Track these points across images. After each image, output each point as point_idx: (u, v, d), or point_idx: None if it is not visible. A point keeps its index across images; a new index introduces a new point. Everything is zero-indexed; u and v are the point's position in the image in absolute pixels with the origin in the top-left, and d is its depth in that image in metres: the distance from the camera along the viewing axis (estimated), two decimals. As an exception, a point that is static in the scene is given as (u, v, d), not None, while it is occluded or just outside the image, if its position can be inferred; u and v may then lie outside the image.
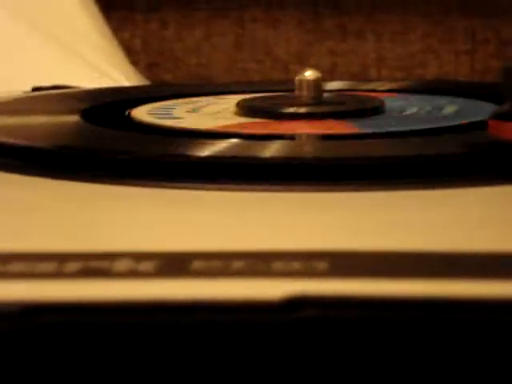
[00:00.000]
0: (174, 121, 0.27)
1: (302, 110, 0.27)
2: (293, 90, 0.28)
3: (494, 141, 0.22)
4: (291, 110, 0.27)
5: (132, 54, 0.56)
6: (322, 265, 0.16)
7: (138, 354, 0.15)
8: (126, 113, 0.28)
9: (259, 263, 0.16)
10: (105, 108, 0.30)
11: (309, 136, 0.25)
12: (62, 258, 0.16)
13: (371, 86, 0.34)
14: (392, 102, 0.29)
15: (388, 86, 0.34)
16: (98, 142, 0.24)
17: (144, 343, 0.15)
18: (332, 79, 0.59)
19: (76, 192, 0.21)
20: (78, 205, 0.20)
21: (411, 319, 0.15)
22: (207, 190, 0.21)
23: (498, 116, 0.23)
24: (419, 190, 0.21)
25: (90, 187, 0.21)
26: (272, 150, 0.23)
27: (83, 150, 0.23)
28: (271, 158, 0.22)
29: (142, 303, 0.15)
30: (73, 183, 0.21)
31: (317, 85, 0.28)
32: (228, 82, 0.53)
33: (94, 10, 0.52)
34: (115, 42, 0.51)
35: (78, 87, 0.39)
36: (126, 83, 0.47)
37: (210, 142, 0.23)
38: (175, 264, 0.16)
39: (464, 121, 0.26)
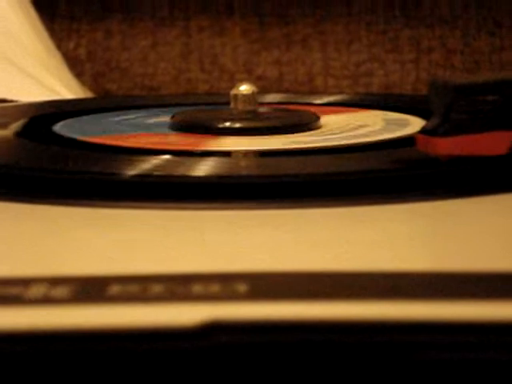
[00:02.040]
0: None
1: (238, 125, 0.27)
2: (224, 104, 0.28)
3: (422, 157, 0.22)
4: (221, 125, 0.26)
5: (77, 64, 0.56)
6: (241, 287, 0.16)
7: (51, 383, 0.15)
8: (52, 127, 0.28)
9: (178, 286, 0.16)
10: (40, 122, 0.30)
11: (235, 153, 0.25)
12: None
13: (310, 99, 0.34)
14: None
15: (325, 99, 0.34)
16: (17, 157, 0.24)
17: (59, 372, 0.15)
18: (279, 88, 0.58)
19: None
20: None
21: (332, 342, 0.15)
22: (123, 208, 0.20)
23: (425, 131, 0.23)
24: (344, 207, 0.21)
25: (3, 206, 0.21)
26: (198, 168, 0.22)
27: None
28: (191, 177, 0.21)
29: (55, 331, 0.15)
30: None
31: (252, 99, 0.28)
32: (171, 94, 0.53)
33: (36, 21, 0.51)
34: (58, 54, 0.51)
35: (18, 101, 0.38)
36: (68, 96, 0.46)
37: (136, 159, 0.23)
38: (91, 289, 0.16)
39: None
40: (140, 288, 0.16)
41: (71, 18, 0.57)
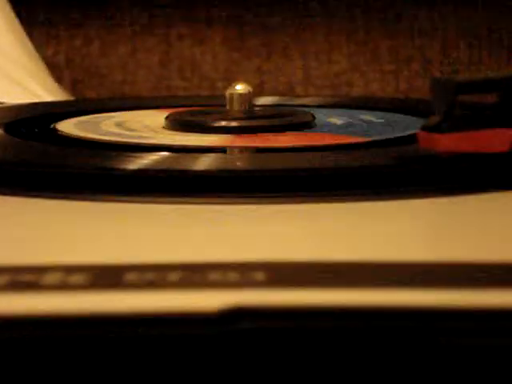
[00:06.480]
0: (103, 135, 0.26)
1: (234, 123, 0.27)
2: (218, 105, 0.28)
3: (424, 153, 0.23)
4: (223, 123, 0.26)
5: (55, 70, 0.55)
6: (259, 275, 0.16)
7: (69, 368, 0.15)
8: (52, 126, 0.28)
9: (195, 274, 0.16)
10: (29, 122, 0.29)
11: (241, 149, 0.25)
12: (-12, 271, 0.16)
13: (301, 101, 0.34)
14: (322, 116, 0.29)
15: (318, 101, 0.34)
16: (26, 155, 0.24)
17: (75, 357, 0.15)
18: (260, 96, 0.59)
19: (5, 206, 0.20)
20: (5, 218, 0.20)
21: (350, 328, 0.15)
22: (140, 203, 0.20)
23: (427, 128, 0.23)
24: (350, 202, 0.21)
25: (16, 201, 0.21)
26: (204, 162, 0.22)
27: (12, 164, 0.22)
28: (204, 171, 0.22)
29: (72, 316, 0.15)
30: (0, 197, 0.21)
31: (247, 99, 0.28)
32: (154, 96, 0.52)
33: (16, 26, 0.51)
34: (39, 59, 0.50)
35: (1, 102, 0.38)
36: (49, 99, 0.46)
37: (142, 155, 0.23)
38: (107, 276, 0.16)
39: (394, 135, 0.26)
40: (157, 276, 0.16)
41: (50, 25, 0.57)
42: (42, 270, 0.16)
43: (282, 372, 0.15)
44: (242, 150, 0.25)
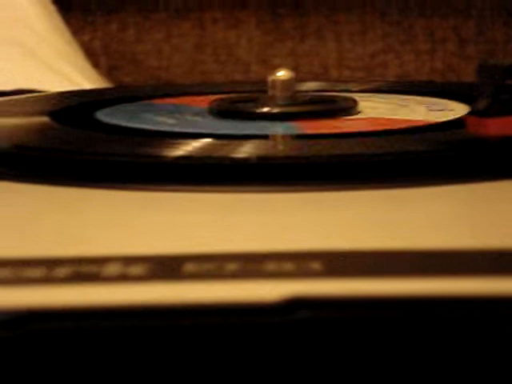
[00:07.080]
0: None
1: (277, 110, 0.27)
2: (259, 91, 0.28)
3: (473, 138, 0.23)
4: (265, 110, 0.27)
5: (92, 56, 0.56)
6: (316, 265, 0.16)
7: (130, 359, 0.15)
8: (96, 115, 0.28)
9: (252, 265, 0.16)
10: (74, 110, 0.30)
11: (286, 136, 0.25)
12: (50, 263, 0.16)
13: (345, 86, 0.34)
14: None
15: (360, 86, 0.34)
16: (78, 144, 0.24)
17: (137, 348, 0.15)
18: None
19: (61, 197, 0.21)
20: (64, 210, 0.20)
21: (407, 318, 0.15)
22: (196, 192, 0.20)
23: (475, 113, 0.23)
24: (402, 188, 0.21)
25: (74, 191, 0.21)
26: (252, 150, 0.22)
27: (64, 154, 0.22)
28: (254, 159, 0.22)
29: (133, 307, 0.15)
30: (56, 188, 0.21)
31: (290, 84, 0.28)
32: (194, 84, 0.53)
33: (53, 12, 0.51)
34: (76, 45, 0.51)
35: (41, 91, 0.38)
36: (88, 86, 0.46)
37: (198, 143, 0.23)
38: (166, 267, 0.16)
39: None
40: (214, 266, 0.16)
41: (86, 11, 0.57)
42: (102, 261, 0.16)
43: (342, 362, 0.15)
44: (288, 136, 0.25)
